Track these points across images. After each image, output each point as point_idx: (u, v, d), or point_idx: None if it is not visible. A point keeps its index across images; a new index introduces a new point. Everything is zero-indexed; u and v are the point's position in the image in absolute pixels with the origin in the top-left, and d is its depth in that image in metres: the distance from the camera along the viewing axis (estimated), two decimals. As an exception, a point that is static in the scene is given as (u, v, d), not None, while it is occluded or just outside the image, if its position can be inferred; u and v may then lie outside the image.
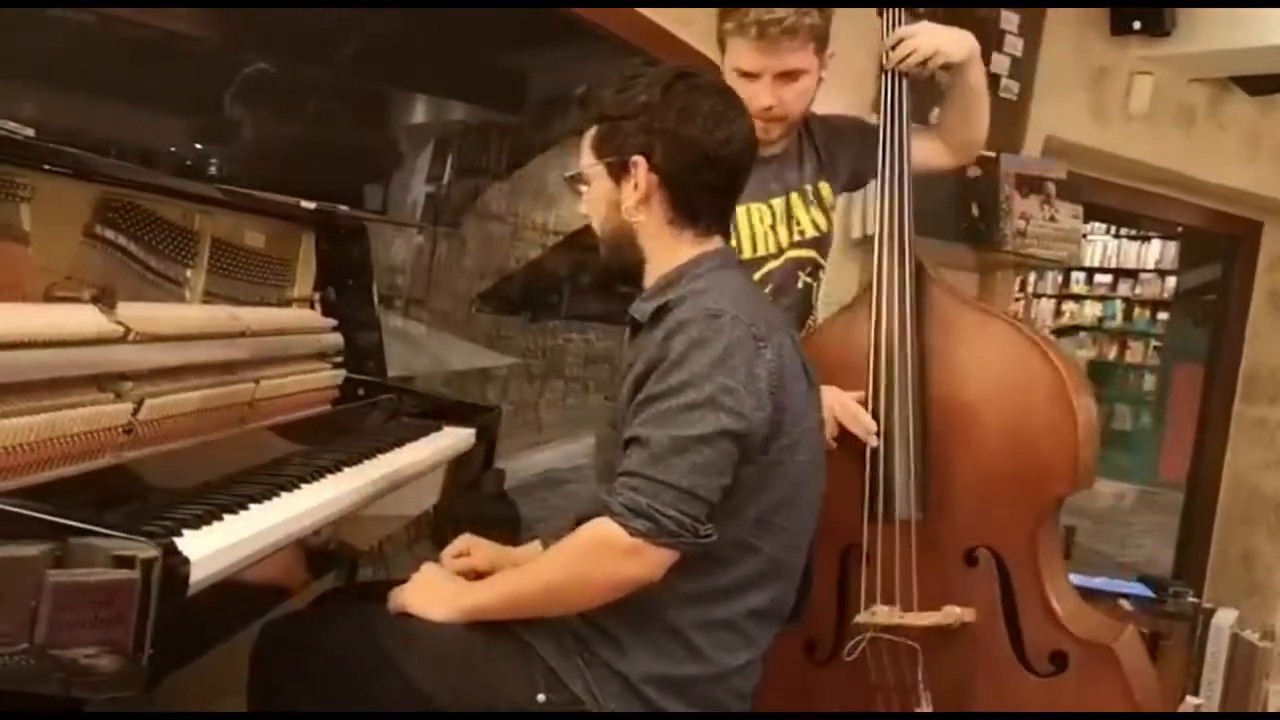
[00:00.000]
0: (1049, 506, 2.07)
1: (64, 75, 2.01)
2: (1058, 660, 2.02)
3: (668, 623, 1.46)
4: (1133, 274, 9.71)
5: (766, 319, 1.50)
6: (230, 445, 1.66)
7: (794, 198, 2.07)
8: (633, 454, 1.40)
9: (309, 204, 1.92)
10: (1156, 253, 9.48)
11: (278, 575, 1.40)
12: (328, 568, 1.71)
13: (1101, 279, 9.87)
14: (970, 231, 3.23)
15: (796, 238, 2.08)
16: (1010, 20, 3.24)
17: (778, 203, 2.06)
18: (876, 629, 2.03)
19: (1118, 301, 9.84)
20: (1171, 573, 4.26)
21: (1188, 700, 3.39)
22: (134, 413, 1.44)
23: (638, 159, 1.50)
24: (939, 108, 2.22)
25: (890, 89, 2.08)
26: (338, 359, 2.11)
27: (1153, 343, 9.58)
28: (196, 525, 1.25)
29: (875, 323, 2.06)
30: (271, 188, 1.91)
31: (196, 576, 1.11)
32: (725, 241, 1.61)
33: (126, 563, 1.02)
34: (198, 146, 2.40)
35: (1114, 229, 9.45)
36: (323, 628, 1.54)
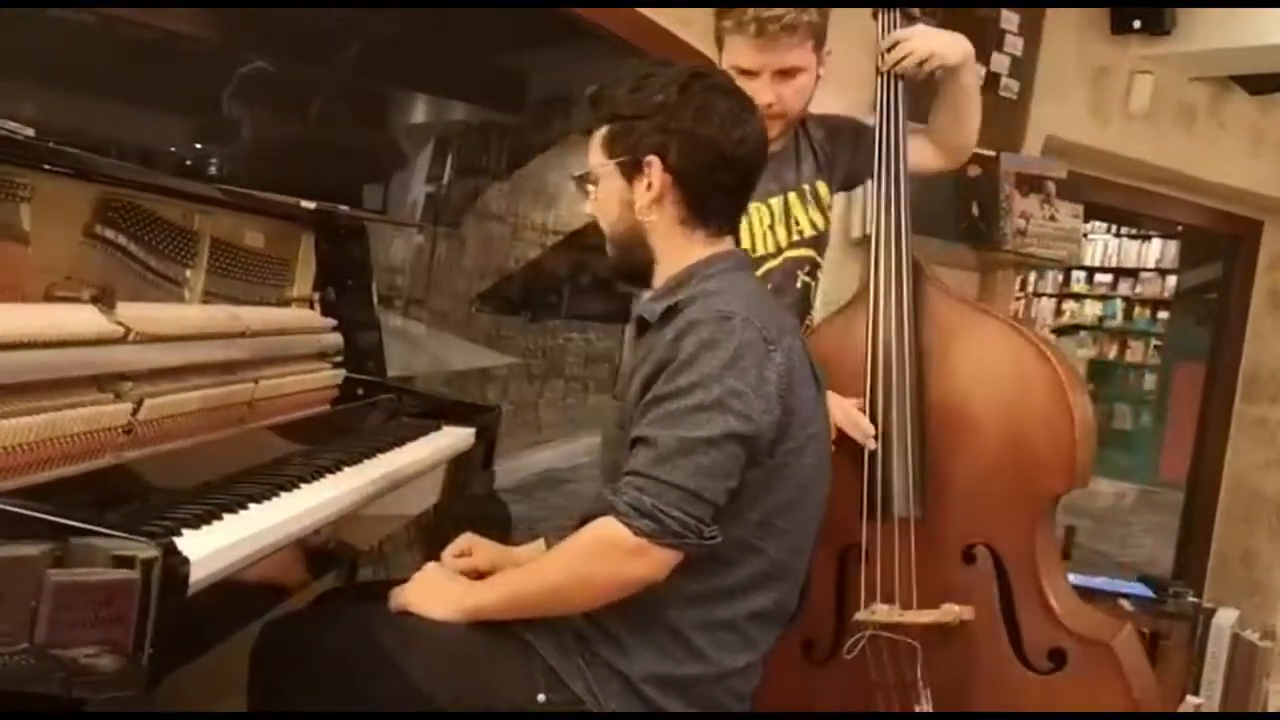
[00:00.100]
0: (1046, 504, 2.08)
1: (64, 75, 2.01)
2: (1056, 658, 2.03)
3: (669, 623, 1.46)
4: (1133, 273, 9.71)
5: (777, 322, 1.50)
6: (230, 445, 1.66)
7: (792, 197, 2.08)
8: (639, 454, 1.40)
9: (309, 204, 1.92)
10: (1157, 252, 9.48)
11: (278, 575, 1.40)
12: (328, 568, 1.71)
13: (1102, 278, 9.87)
14: (970, 231, 3.22)
15: (795, 237, 2.08)
16: (1010, 20, 3.24)
17: (776, 202, 2.06)
18: (876, 627, 2.03)
19: (1118, 301, 9.84)
20: (1172, 573, 4.25)
21: (1188, 700, 3.39)
22: (134, 413, 1.44)
23: (652, 158, 1.49)
24: (934, 110, 2.22)
25: (886, 91, 2.11)
26: (337, 359, 2.11)
27: (1153, 342, 9.58)
28: (196, 525, 1.25)
29: (872, 323, 2.07)
30: (271, 188, 1.91)
31: (196, 576, 1.11)
32: (736, 243, 1.61)
33: (126, 563, 1.03)
34: (198, 146, 2.40)
35: (1114, 228, 9.45)
36: (323, 627, 1.54)
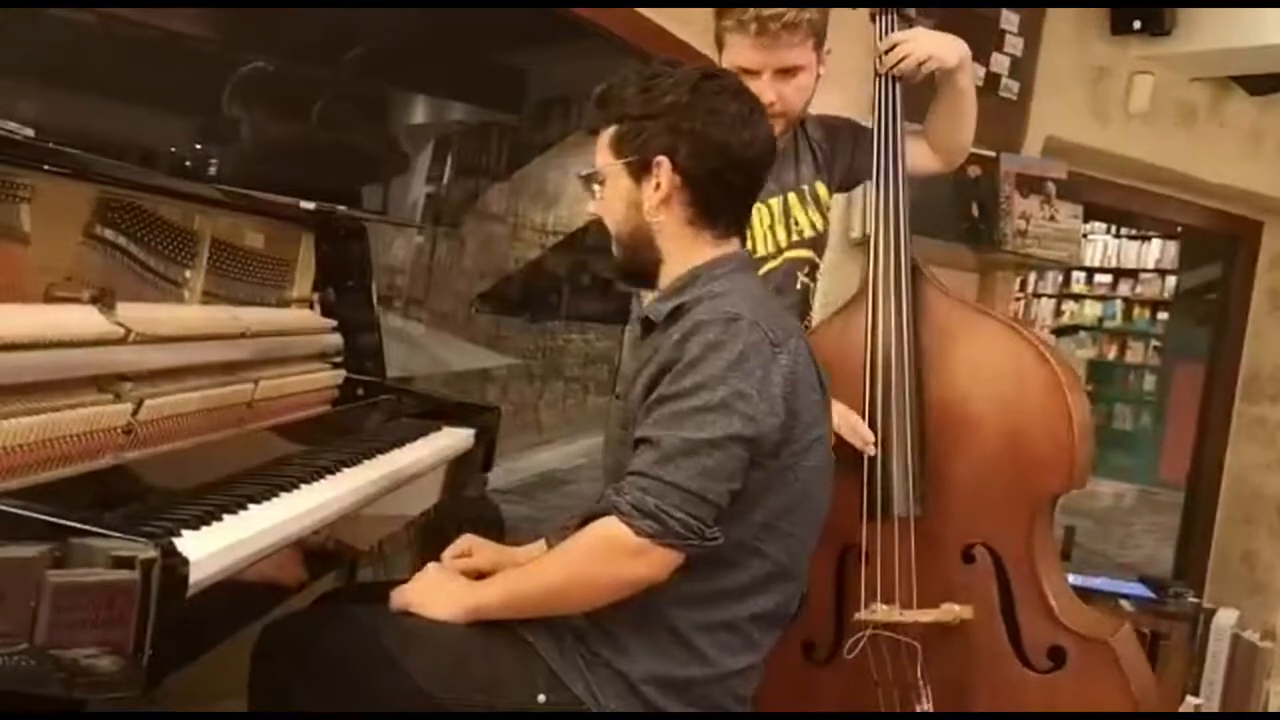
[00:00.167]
0: (1045, 504, 2.08)
1: (64, 75, 2.01)
2: (1056, 656, 2.04)
3: (670, 623, 1.46)
4: (1133, 274, 9.70)
5: (783, 325, 1.50)
6: (230, 446, 1.66)
7: (792, 198, 2.08)
8: (642, 454, 1.40)
9: (309, 204, 1.92)
10: (1156, 252, 9.47)
11: (277, 576, 1.40)
12: (328, 568, 1.71)
13: (1101, 279, 9.86)
14: (970, 231, 3.22)
15: (795, 238, 2.08)
16: (1010, 20, 3.24)
17: (775, 203, 2.06)
18: (877, 626, 2.04)
19: (1118, 301, 9.83)
20: (1172, 573, 4.25)
21: (1188, 700, 3.40)
22: (134, 413, 1.44)
23: (661, 159, 1.49)
24: (929, 113, 2.22)
25: (884, 92, 2.12)
26: (337, 359, 2.11)
27: (1153, 342, 9.57)
28: (196, 526, 1.25)
29: (871, 323, 2.07)
30: (271, 188, 1.90)
31: (196, 577, 1.11)
32: (743, 244, 1.61)
33: (126, 563, 1.02)
34: (198, 146, 2.40)
35: (1114, 229, 9.44)
36: (323, 628, 1.54)
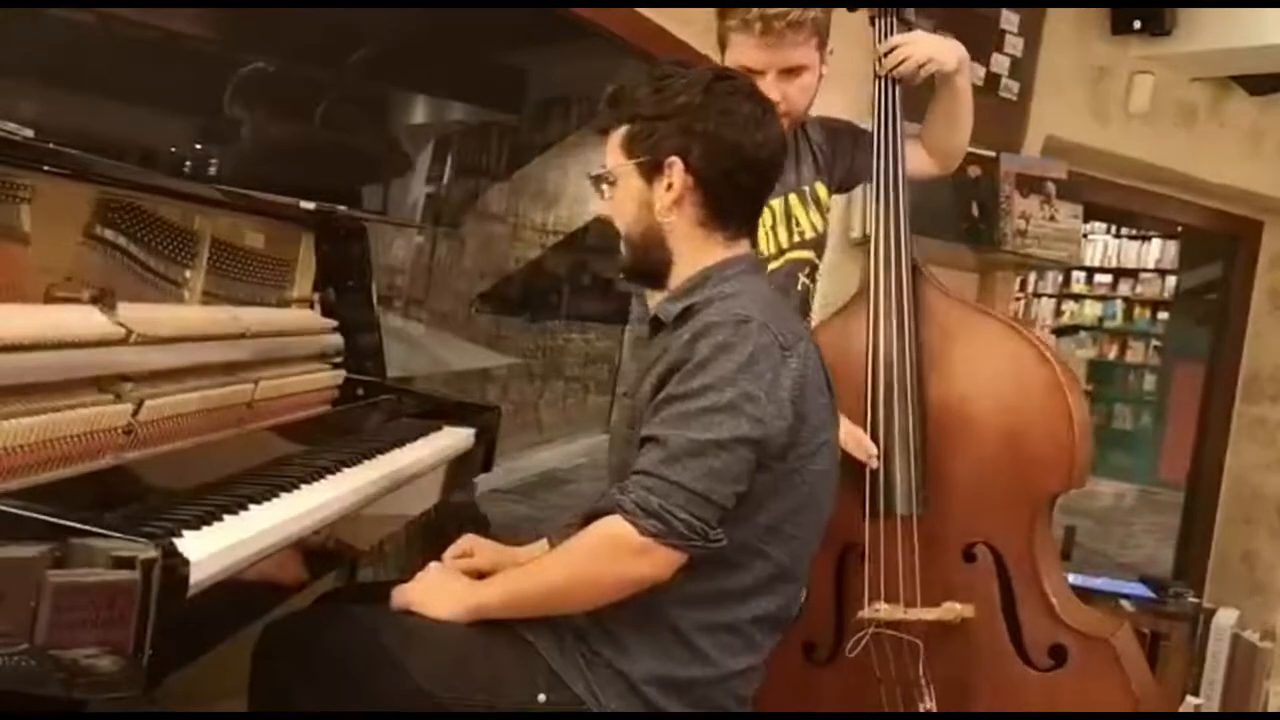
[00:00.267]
0: (1045, 503, 2.09)
1: (64, 75, 2.01)
2: (1057, 654, 2.04)
3: (672, 623, 1.46)
4: (1133, 274, 9.71)
5: (792, 328, 1.50)
6: (230, 446, 1.66)
7: (793, 199, 2.07)
8: (649, 453, 1.40)
9: (309, 204, 1.92)
10: (1156, 252, 9.47)
11: (278, 575, 1.40)
12: (328, 568, 1.71)
13: (1101, 279, 9.87)
14: (970, 231, 3.22)
15: (796, 239, 2.08)
16: (1010, 20, 3.24)
17: (777, 204, 2.06)
18: (879, 625, 2.04)
19: (1118, 301, 9.83)
20: (1172, 573, 4.25)
21: (1188, 700, 3.40)
22: (134, 413, 1.44)
23: (674, 159, 1.49)
24: (927, 116, 2.22)
25: (884, 93, 2.12)
26: (337, 359, 2.11)
27: (1153, 342, 9.58)
28: (196, 526, 1.25)
29: (873, 324, 2.08)
30: (271, 188, 1.90)
31: (196, 577, 1.11)
32: (753, 246, 1.61)
33: (126, 563, 1.02)
34: (198, 146, 2.40)
35: (1114, 229, 9.44)
36: (324, 627, 1.54)
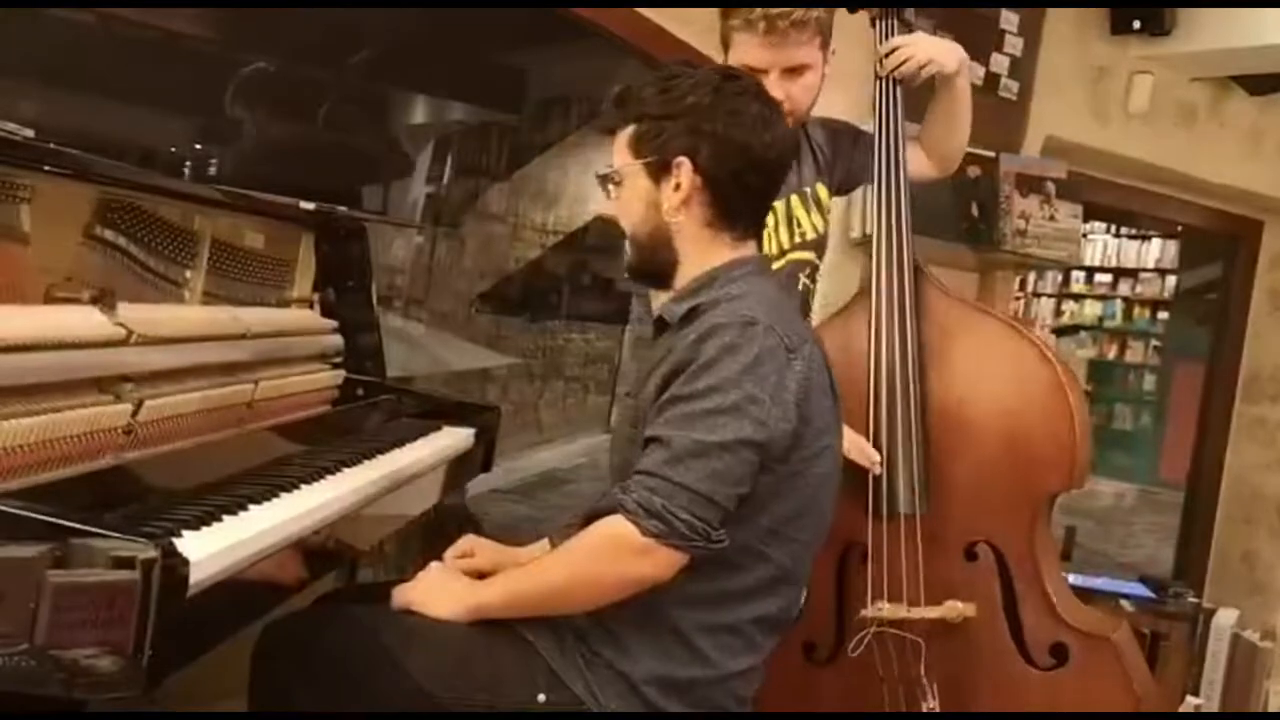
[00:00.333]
0: (1046, 502, 2.10)
1: (64, 75, 2.01)
2: (1058, 653, 2.05)
3: (672, 624, 1.46)
4: (1133, 273, 9.71)
5: (798, 330, 1.50)
6: (230, 446, 1.66)
7: (794, 200, 2.07)
8: (652, 453, 1.40)
9: (308, 205, 1.92)
10: (1156, 252, 9.48)
11: (278, 576, 1.40)
12: (328, 568, 1.71)
13: (1101, 278, 9.87)
14: (970, 231, 3.22)
15: (797, 239, 2.08)
16: (1010, 20, 3.24)
17: (779, 204, 2.05)
18: (882, 623, 2.04)
19: (1118, 301, 9.83)
20: (1172, 573, 4.25)
21: (1188, 700, 3.40)
22: (134, 414, 1.44)
23: (682, 159, 1.49)
24: (926, 118, 2.22)
25: (885, 95, 2.13)
26: (337, 360, 2.11)
27: (1153, 342, 9.58)
28: (196, 526, 1.25)
29: (875, 324, 2.08)
30: (271, 188, 1.90)
31: (196, 577, 1.11)
32: (759, 248, 1.61)
33: (126, 563, 1.02)
34: (198, 147, 2.40)
35: (1114, 228, 9.44)
36: (324, 627, 1.54)
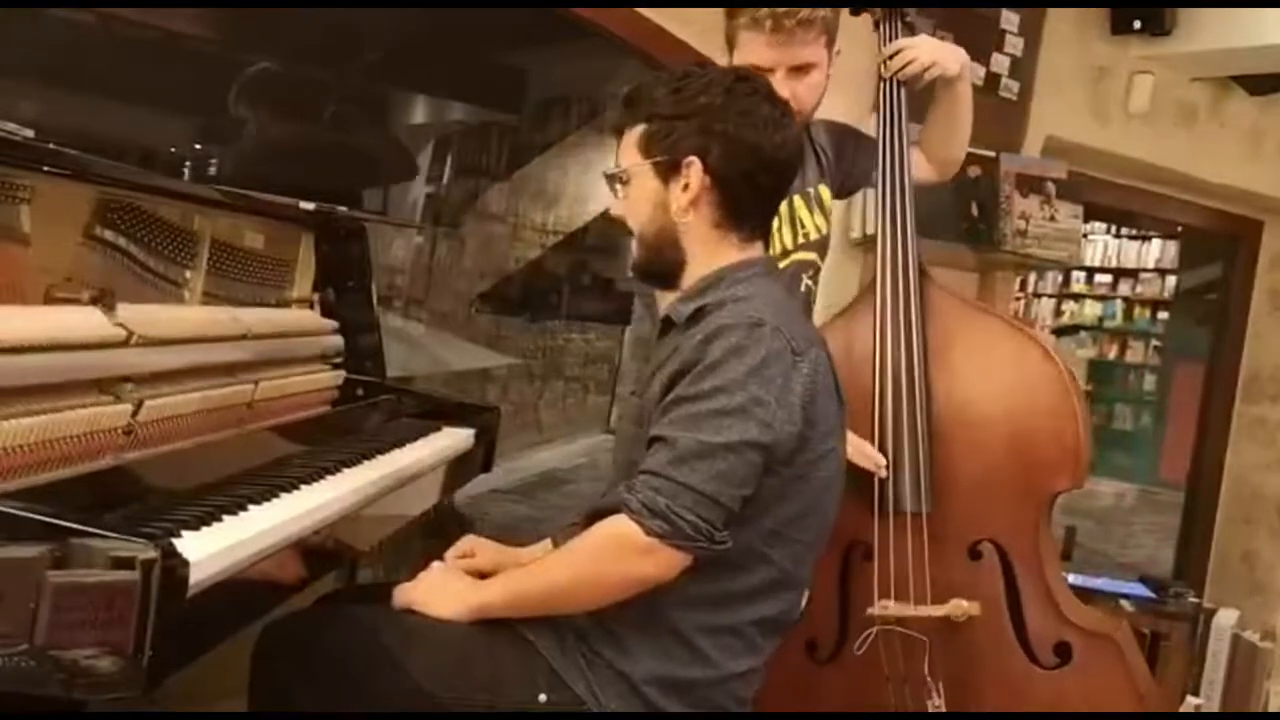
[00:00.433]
0: (1049, 501, 2.10)
1: (64, 75, 2.01)
2: (1062, 652, 2.05)
3: (673, 625, 1.46)
4: (1133, 273, 9.71)
5: (805, 332, 1.51)
6: (230, 446, 1.66)
7: (797, 200, 2.07)
8: (657, 453, 1.40)
9: (308, 205, 1.92)
10: (1156, 252, 9.48)
11: (278, 576, 1.40)
12: (328, 568, 1.71)
13: (1101, 278, 9.87)
14: (970, 231, 3.22)
15: (800, 240, 2.08)
16: (1010, 20, 3.23)
17: (783, 205, 2.05)
18: (887, 622, 2.04)
19: (1118, 301, 9.84)
20: (1172, 573, 4.25)
21: (1188, 700, 3.40)
22: (134, 414, 1.44)
23: (692, 159, 1.49)
24: (926, 121, 2.22)
25: (889, 96, 2.13)
26: (337, 360, 2.11)
27: (1153, 342, 9.58)
28: (196, 526, 1.25)
29: (880, 325, 2.08)
30: (271, 189, 1.90)
31: (196, 578, 1.11)
32: (766, 249, 1.61)
33: (126, 564, 1.02)
34: (198, 147, 2.40)
35: (1114, 229, 9.44)
36: (324, 627, 1.54)
